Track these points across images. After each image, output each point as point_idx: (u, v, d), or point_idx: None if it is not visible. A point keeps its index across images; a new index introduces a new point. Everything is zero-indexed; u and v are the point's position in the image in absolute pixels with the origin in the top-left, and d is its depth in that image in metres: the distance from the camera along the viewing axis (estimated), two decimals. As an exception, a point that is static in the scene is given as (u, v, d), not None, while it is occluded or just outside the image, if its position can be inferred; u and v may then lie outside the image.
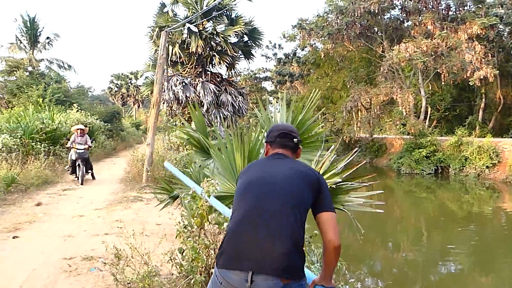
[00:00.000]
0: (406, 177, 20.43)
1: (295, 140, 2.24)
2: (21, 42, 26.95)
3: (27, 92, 20.16)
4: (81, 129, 11.62)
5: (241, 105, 17.63)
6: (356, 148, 3.96)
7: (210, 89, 16.76)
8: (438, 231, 10.82)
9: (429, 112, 26.20)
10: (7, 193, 8.96)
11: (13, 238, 5.62)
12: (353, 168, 3.50)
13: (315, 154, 3.85)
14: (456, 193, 16.51)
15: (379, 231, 10.45)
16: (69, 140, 11.70)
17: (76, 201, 8.60)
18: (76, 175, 11.24)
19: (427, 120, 25.54)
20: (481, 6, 23.51)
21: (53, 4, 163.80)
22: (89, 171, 11.86)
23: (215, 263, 2.00)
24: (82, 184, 10.81)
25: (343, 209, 3.36)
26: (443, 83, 24.69)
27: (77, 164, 11.06)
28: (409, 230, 11.17)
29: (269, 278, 1.83)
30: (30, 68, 25.41)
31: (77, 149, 11.02)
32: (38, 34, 27.05)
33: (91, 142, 11.96)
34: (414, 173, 20.75)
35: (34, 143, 12.90)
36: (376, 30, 27.53)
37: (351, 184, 3.36)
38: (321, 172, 3.42)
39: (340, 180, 3.27)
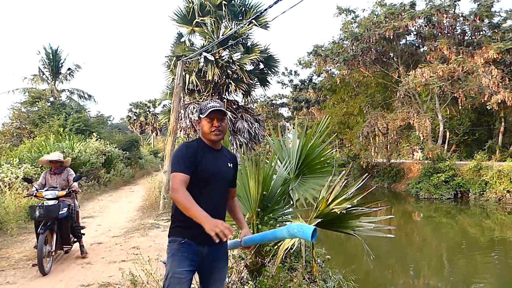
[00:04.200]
0: (425, 202, 20.11)
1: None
2: (43, 74, 27.87)
3: (48, 122, 20.69)
4: (54, 161, 6.19)
5: (257, 132, 17.75)
6: (367, 174, 3.98)
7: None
8: (460, 257, 10.58)
9: (447, 137, 25.96)
10: (27, 222, 9.14)
11: (33, 265, 5.72)
12: (363, 193, 3.53)
13: (327, 180, 3.90)
14: (477, 218, 16.16)
15: (399, 257, 10.28)
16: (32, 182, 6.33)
17: (94, 229, 8.73)
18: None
19: (446, 145, 25.29)
20: (496, 31, 23.57)
21: (74, 35, 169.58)
22: (73, 241, 6.27)
23: None
24: (43, 273, 5.25)
25: (354, 234, 3.38)
26: (460, 107, 24.54)
27: (38, 229, 5.56)
28: (430, 256, 10.95)
29: None
30: (51, 99, 26.11)
31: (45, 199, 5.85)
32: (60, 65, 27.95)
33: (78, 180, 6.29)
34: (433, 198, 20.43)
35: (54, 172, 13.17)
36: (391, 56, 27.71)
37: (361, 209, 3.38)
38: (331, 198, 3.47)
39: (350, 206, 3.31)
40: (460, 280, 8.53)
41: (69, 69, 28.49)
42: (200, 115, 2.55)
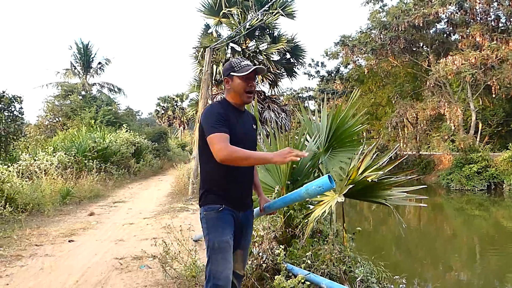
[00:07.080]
0: (456, 194, 19.62)
1: None
2: (75, 68, 28.63)
3: (80, 115, 21.31)
4: None
5: (284, 122, 17.71)
6: (398, 144, 3.94)
7: (252, 106, 16.97)
8: (493, 251, 10.24)
9: (480, 128, 25.18)
10: (62, 205, 9.48)
11: (69, 241, 5.95)
12: (395, 162, 3.50)
13: (357, 152, 3.89)
14: (512, 210, 15.68)
15: (428, 250, 10.07)
16: None
17: (126, 212, 8.96)
18: None
19: (479, 136, 24.54)
20: (533, 15, 22.74)
21: (104, 29, 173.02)
22: None
23: None
24: None
25: (386, 203, 3.35)
26: (494, 97, 23.70)
27: None
28: (462, 249, 10.65)
29: None
30: (83, 92, 26.78)
31: None
32: (91, 60, 28.65)
33: None
34: (465, 190, 19.91)
35: (86, 161, 13.61)
36: (421, 44, 27.09)
37: (396, 177, 3.36)
38: (362, 167, 3.45)
39: (382, 172, 3.28)
40: (493, 274, 8.28)
41: (99, 63, 29.18)
42: (233, 73, 2.37)
